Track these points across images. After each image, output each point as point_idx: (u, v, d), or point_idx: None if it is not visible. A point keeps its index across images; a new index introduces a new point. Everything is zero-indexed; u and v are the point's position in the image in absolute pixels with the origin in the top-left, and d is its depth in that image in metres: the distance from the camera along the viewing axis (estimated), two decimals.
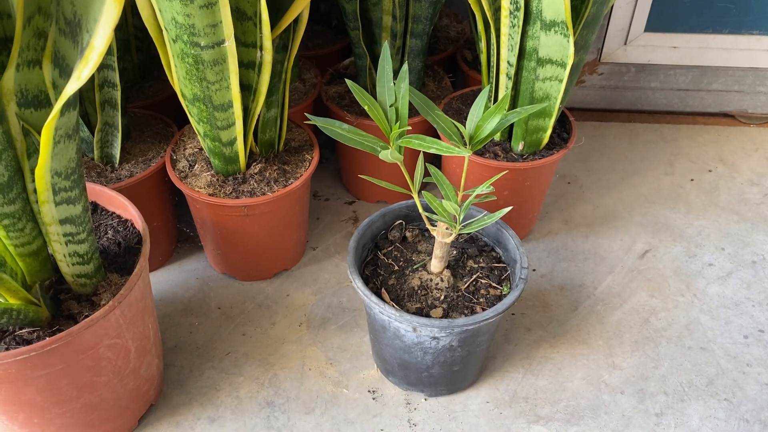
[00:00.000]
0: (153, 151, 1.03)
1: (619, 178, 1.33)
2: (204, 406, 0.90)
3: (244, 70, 0.87)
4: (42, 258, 0.72)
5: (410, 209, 0.92)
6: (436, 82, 1.24)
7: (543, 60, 0.89)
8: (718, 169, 1.36)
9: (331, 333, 1.00)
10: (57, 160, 0.59)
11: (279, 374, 0.94)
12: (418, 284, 0.84)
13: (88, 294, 0.75)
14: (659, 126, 1.48)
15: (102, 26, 0.48)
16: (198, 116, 0.87)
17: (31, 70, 0.58)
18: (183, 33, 0.76)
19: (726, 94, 1.46)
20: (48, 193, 0.62)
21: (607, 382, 0.93)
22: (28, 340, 0.69)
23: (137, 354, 0.80)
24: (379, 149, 0.69)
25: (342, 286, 1.08)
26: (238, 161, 0.96)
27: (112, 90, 0.93)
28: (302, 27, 0.92)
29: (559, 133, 1.07)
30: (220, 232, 1.01)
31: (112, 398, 0.79)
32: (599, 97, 1.50)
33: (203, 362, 0.96)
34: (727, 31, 1.38)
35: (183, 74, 0.82)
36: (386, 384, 0.93)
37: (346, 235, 1.19)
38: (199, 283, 1.09)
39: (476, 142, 0.71)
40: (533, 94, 0.93)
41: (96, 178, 0.98)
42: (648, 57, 1.41)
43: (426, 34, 1.10)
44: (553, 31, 0.84)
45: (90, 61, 0.49)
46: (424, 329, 0.77)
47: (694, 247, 1.16)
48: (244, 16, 0.83)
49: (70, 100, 0.54)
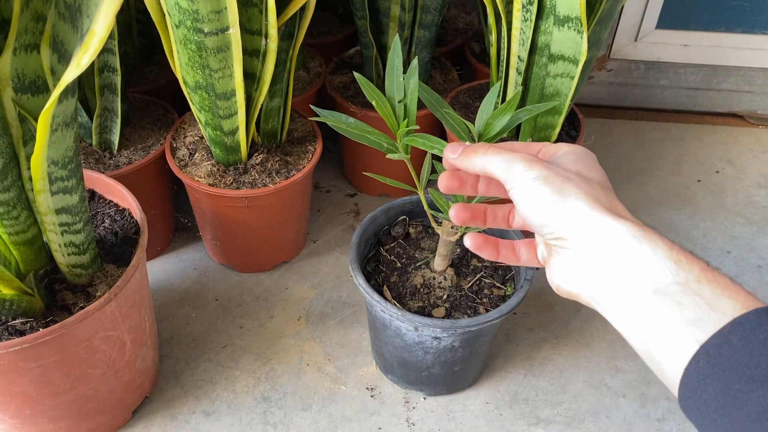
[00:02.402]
0: (153, 138, 1.01)
1: (625, 177, 1.31)
2: (199, 399, 0.88)
3: (248, 58, 0.85)
4: (37, 247, 0.70)
5: (414, 205, 0.90)
6: (443, 74, 1.22)
7: (555, 56, 0.86)
8: (726, 171, 1.34)
9: (330, 328, 0.99)
10: (54, 149, 0.57)
11: (276, 369, 0.93)
12: (420, 282, 0.83)
13: (83, 285, 0.73)
14: (667, 125, 1.46)
15: (103, 12, 0.46)
16: (200, 104, 0.85)
17: (28, 54, 0.55)
18: (186, 18, 0.73)
19: (736, 94, 1.44)
20: (44, 183, 0.60)
21: (609, 385, 0.92)
22: (22, 331, 0.68)
23: (133, 346, 0.78)
24: (386, 146, 0.67)
25: (342, 281, 1.07)
26: (240, 151, 0.94)
27: (112, 75, 0.91)
28: (309, 15, 0.90)
29: (567, 130, 1.05)
30: (220, 223, 0.99)
31: (107, 390, 0.78)
32: (607, 93, 1.48)
33: (199, 354, 0.94)
34: (740, 30, 1.35)
35: (185, 61, 0.79)
36: (385, 382, 0.91)
37: (346, 228, 1.17)
38: (197, 274, 1.07)
39: (485, 141, 0.69)
40: (543, 90, 0.91)
41: (94, 164, 0.96)
42: (658, 54, 1.39)
43: (435, 25, 1.08)
44: (566, 26, 0.82)
45: (90, 47, 0.47)
46: (426, 329, 0.76)
47: (700, 250, 1.15)
48: (249, 3, 0.80)
49: (69, 87, 0.52)
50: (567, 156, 0.45)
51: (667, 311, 0.35)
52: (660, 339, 0.35)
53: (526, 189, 0.42)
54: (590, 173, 0.43)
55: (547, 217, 0.41)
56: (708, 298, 0.34)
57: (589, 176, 0.43)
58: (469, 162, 0.45)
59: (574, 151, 0.45)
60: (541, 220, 0.42)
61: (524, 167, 0.42)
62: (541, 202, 0.41)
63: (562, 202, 0.40)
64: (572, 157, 0.44)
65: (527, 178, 0.42)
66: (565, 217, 0.40)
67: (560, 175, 0.41)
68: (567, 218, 0.40)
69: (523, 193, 0.42)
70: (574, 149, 0.45)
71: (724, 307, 0.33)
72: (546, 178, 0.41)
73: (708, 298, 0.34)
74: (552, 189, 0.41)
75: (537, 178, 0.41)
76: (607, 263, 0.38)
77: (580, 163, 0.44)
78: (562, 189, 0.41)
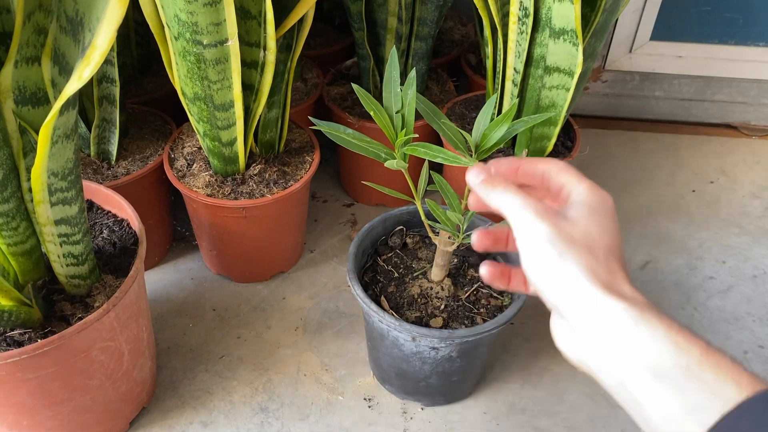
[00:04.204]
0: (151, 149, 1.02)
1: (620, 187, 1.32)
2: (197, 409, 0.88)
3: (246, 70, 0.85)
4: (35, 258, 0.70)
5: (411, 215, 0.91)
6: (440, 85, 1.23)
7: (551, 68, 0.87)
8: (720, 181, 1.35)
9: (328, 338, 0.99)
10: (54, 161, 0.58)
11: (273, 379, 0.93)
12: (418, 292, 0.83)
13: (81, 295, 0.74)
14: (661, 135, 1.48)
15: (105, 26, 0.47)
16: (198, 115, 0.86)
17: (29, 67, 0.56)
18: (185, 31, 0.74)
19: (730, 105, 1.46)
20: (44, 194, 0.60)
21: (606, 395, 0.92)
22: (20, 342, 0.68)
23: (130, 357, 0.78)
24: (384, 156, 0.68)
25: (339, 291, 1.07)
26: (238, 162, 0.94)
27: (110, 86, 0.91)
28: (307, 27, 0.90)
29: (563, 141, 1.06)
30: (217, 233, 0.99)
31: (104, 401, 0.78)
32: (602, 104, 1.49)
33: (197, 365, 0.94)
34: (734, 42, 1.37)
35: (184, 72, 0.80)
36: (382, 392, 0.91)
37: (344, 238, 1.17)
38: (194, 284, 1.07)
39: (482, 152, 0.69)
40: (539, 102, 0.92)
41: (92, 174, 0.96)
42: (653, 65, 1.40)
43: (431, 37, 1.09)
44: (562, 39, 0.83)
45: (92, 61, 0.48)
46: (424, 339, 0.76)
47: (695, 260, 1.15)
48: (248, 15, 0.81)
49: (70, 100, 0.53)
50: (581, 208, 0.43)
51: (668, 397, 0.34)
52: (663, 425, 0.35)
53: (529, 242, 0.41)
54: (601, 235, 0.41)
55: (543, 281, 0.41)
56: (710, 382, 0.33)
57: (598, 239, 0.41)
58: (486, 194, 0.45)
59: (590, 202, 0.43)
60: (538, 282, 0.41)
61: (534, 218, 0.41)
62: (540, 263, 0.41)
63: (561, 270, 0.40)
64: (585, 210, 0.42)
65: (534, 231, 0.41)
66: (561, 287, 0.40)
67: (566, 237, 0.40)
68: (562, 289, 0.40)
69: (526, 245, 0.41)
70: (591, 199, 0.43)
71: (728, 393, 0.33)
72: (551, 238, 0.40)
73: (710, 383, 0.33)
74: (554, 252, 0.40)
75: (543, 235, 0.40)
76: (605, 343, 0.38)
77: (593, 219, 0.42)
78: (563, 255, 0.40)
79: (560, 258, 0.40)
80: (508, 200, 0.43)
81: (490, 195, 0.45)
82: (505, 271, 0.50)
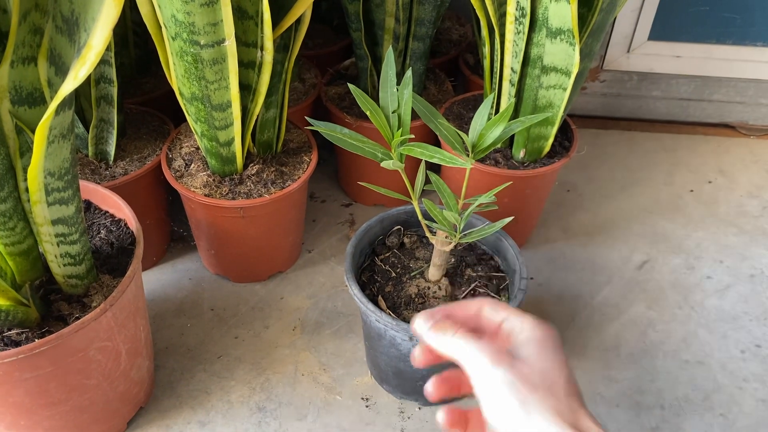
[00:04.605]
0: (148, 149, 1.02)
1: (618, 187, 1.32)
2: (194, 409, 0.88)
3: (243, 70, 0.85)
4: (32, 257, 0.70)
5: (409, 215, 0.91)
6: (438, 85, 1.23)
7: (548, 68, 0.87)
8: (718, 181, 1.35)
9: (325, 338, 0.99)
10: (50, 160, 0.58)
11: (271, 379, 0.93)
12: (415, 292, 0.83)
13: (79, 295, 0.74)
14: (659, 135, 1.48)
15: (101, 26, 0.47)
16: (195, 115, 0.86)
17: (25, 67, 0.56)
18: (183, 31, 0.74)
19: (727, 105, 1.46)
20: (40, 194, 0.60)
21: (603, 394, 0.93)
22: (17, 342, 0.68)
23: (128, 356, 0.78)
24: (380, 156, 0.68)
25: (337, 290, 1.07)
26: (236, 162, 0.94)
27: (108, 86, 0.91)
28: (304, 27, 0.91)
29: (560, 141, 1.06)
30: (215, 233, 0.99)
31: (102, 401, 0.78)
32: (600, 104, 1.49)
33: (195, 365, 0.94)
34: (731, 41, 1.37)
35: (181, 72, 0.80)
36: (380, 392, 0.92)
37: (342, 238, 1.18)
38: (192, 284, 1.08)
39: (478, 152, 0.69)
40: (536, 101, 0.92)
41: (90, 175, 0.96)
42: (650, 65, 1.41)
43: (429, 38, 1.09)
44: (559, 39, 0.83)
45: (87, 60, 0.48)
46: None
47: (693, 259, 1.15)
48: (245, 15, 0.81)
49: (66, 100, 0.53)
50: (531, 346, 0.43)
51: None
52: None
53: (488, 390, 0.41)
54: (556, 371, 0.42)
55: (507, 429, 0.40)
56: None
57: (556, 379, 0.42)
58: (436, 341, 0.45)
59: (538, 338, 0.43)
60: (502, 429, 0.41)
61: (489, 363, 0.41)
62: (505, 413, 0.40)
63: (527, 419, 0.40)
64: (536, 348, 0.43)
65: (491, 378, 0.41)
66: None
67: (527, 382, 0.41)
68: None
69: (485, 393, 0.41)
70: (538, 335, 0.44)
71: None
72: (512, 385, 0.40)
73: None
74: (517, 400, 0.40)
75: (503, 382, 0.41)
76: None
77: (545, 355, 0.43)
78: (527, 402, 0.40)
79: (524, 407, 0.40)
80: (460, 345, 0.43)
81: (440, 341, 0.45)
82: (463, 415, 0.48)
